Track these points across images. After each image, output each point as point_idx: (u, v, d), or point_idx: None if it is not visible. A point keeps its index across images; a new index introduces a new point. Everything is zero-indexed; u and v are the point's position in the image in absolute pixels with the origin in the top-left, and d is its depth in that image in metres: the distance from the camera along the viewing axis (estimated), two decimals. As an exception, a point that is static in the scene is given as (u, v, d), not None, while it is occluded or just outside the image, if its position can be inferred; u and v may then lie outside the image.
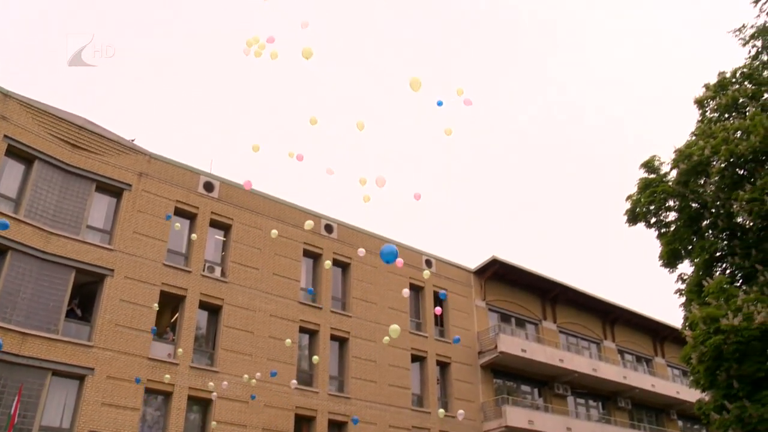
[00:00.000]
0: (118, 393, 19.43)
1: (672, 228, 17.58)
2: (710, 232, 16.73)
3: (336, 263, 26.61)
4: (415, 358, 27.55)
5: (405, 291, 17.87)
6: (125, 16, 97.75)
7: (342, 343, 25.70)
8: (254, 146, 12.88)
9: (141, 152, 22.91)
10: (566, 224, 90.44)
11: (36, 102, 20.69)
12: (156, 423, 20.51)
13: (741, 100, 16.46)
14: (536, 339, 31.59)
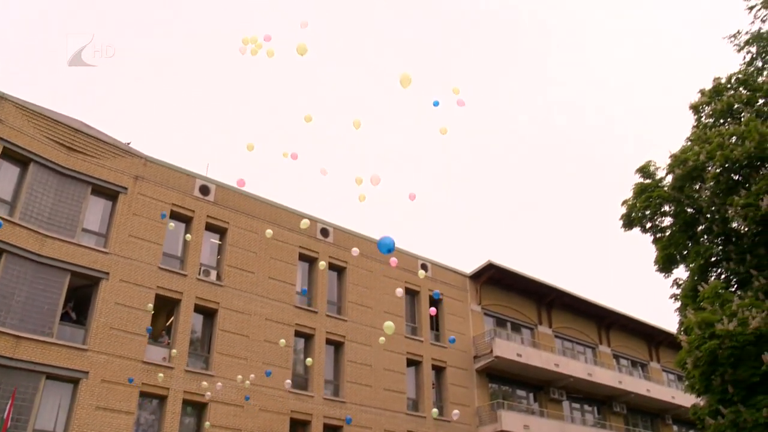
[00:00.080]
0: (113, 397, 19.36)
1: (667, 233, 17.60)
2: (705, 237, 16.76)
3: (332, 267, 26.62)
4: (411, 363, 27.52)
5: (398, 290, 17.84)
6: (125, 16, 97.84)
7: (337, 347, 25.67)
8: (249, 145, 12.82)
9: (137, 155, 22.88)
10: (562, 228, 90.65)
11: (31, 104, 20.65)
12: (151, 427, 20.44)
13: (736, 106, 16.49)
14: (532, 343, 31.60)
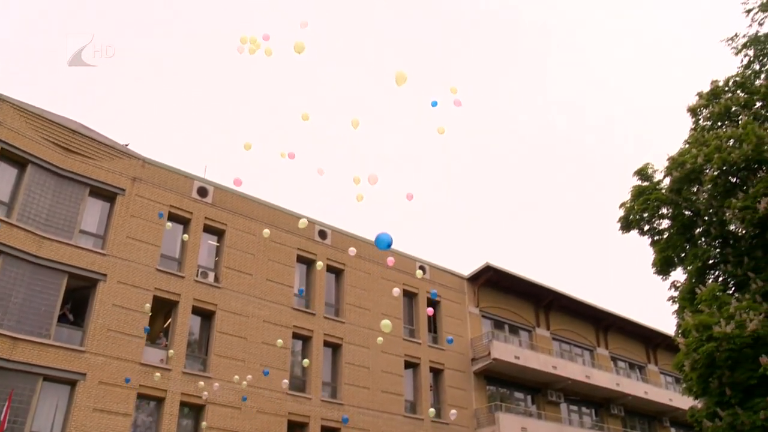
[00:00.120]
0: (110, 398, 19.33)
1: (665, 235, 17.62)
2: (703, 240, 16.78)
3: (329, 269, 26.61)
4: (408, 365, 27.51)
5: (395, 290, 17.82)
6: (125, 16, 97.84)
7: (335, 349, 25.65)
8: (246, 144, 12.78)
9: (135, 157, 22.87)
10: (560, 230, 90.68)
11: (29, 106, 20.62)
12: (148, 429, 20.40)
13: (733, 109, 16.52)
14: (529, 346, 31.60)
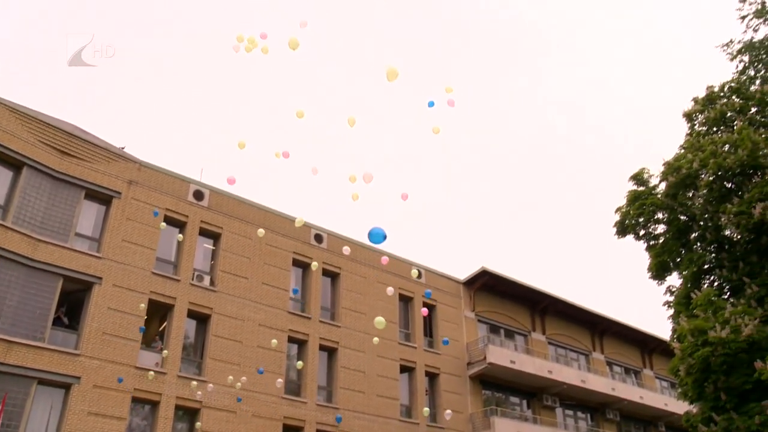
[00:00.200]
0: (105, 402, 19.25)
1: (661, 240, 17.68)
2: (698, 245, 16.84)
3: (325, 273, 26.59)
4: (404, 369, 27.49)
5: (389, 289, 17.78)
6: (125, 16, 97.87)
7: (331, 353, 25.61)
8: (240, 143, 12.75)
9: (131, 160, 22.83)
10: (555, 234, 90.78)
11: (25, 108, 20.58)
12: (142, 433, 20.34)
13: (729, 114, 16.61)
14: (525, 350, 31.61)
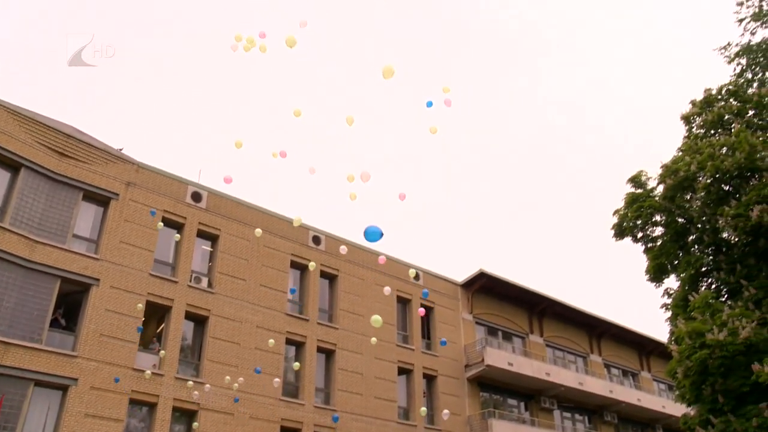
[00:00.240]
0: (102, 404, 19.22)
1: (658, 243, 17.66)
2: (696, 247, 16.84)
3: (323, 275, 26.60)
4: (402, 371, 27.47)
5: (386, 288, 17.76)
6: (125, 16, 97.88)
7: (328, 355, 25.59)
8: (237, 142, 12.71)
9: (129, 161, 22.82)
10: (553, 236, 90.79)
11: (23, 109, 20.57)
12: (140, 435, 20.30)
13: (726, 117, 16.61)
14: (523, 352, 31.61)
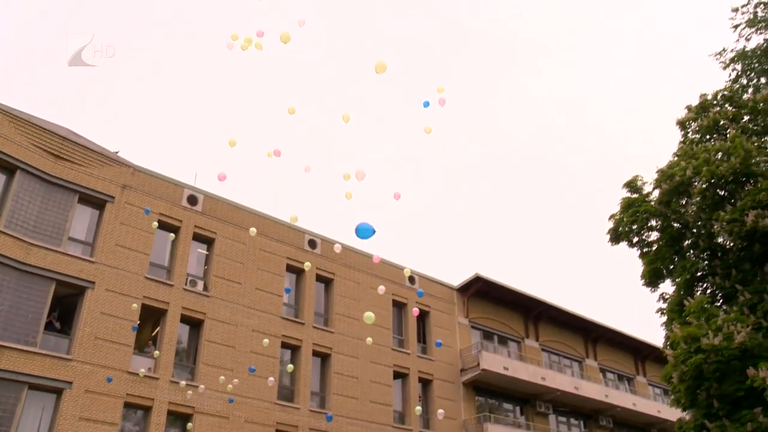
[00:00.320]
0: (97, 407, 19.14)
1: (654, 247, 17.68)
2: (691, 252, 16.86)
3: (319, 279, 26.58)
4: (397, 375, 27.44)
5: (380, 288, 17.73)
6: (125, 16, 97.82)
7: (324, 359, 25.55)
8: (231, 141, 12.66)
9: (125, 164, 22.78)
10: (550, 239, 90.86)
11: (19, 112, 20.52)
12: (134, 438, 20.23)
13: (722, 122, 16.65)
14: (518, 357, 31.60)
